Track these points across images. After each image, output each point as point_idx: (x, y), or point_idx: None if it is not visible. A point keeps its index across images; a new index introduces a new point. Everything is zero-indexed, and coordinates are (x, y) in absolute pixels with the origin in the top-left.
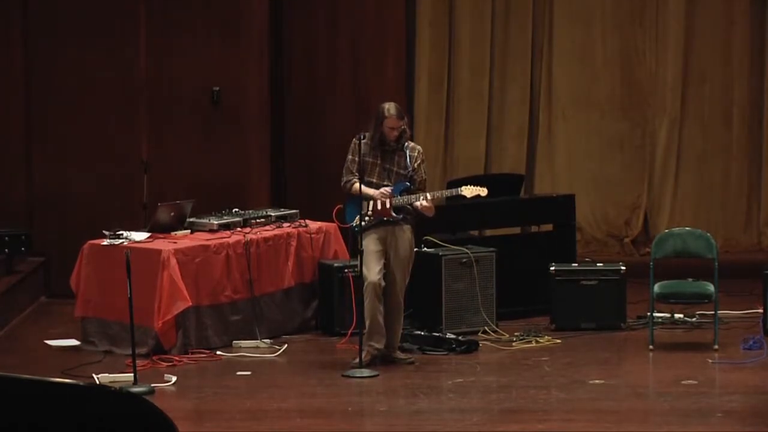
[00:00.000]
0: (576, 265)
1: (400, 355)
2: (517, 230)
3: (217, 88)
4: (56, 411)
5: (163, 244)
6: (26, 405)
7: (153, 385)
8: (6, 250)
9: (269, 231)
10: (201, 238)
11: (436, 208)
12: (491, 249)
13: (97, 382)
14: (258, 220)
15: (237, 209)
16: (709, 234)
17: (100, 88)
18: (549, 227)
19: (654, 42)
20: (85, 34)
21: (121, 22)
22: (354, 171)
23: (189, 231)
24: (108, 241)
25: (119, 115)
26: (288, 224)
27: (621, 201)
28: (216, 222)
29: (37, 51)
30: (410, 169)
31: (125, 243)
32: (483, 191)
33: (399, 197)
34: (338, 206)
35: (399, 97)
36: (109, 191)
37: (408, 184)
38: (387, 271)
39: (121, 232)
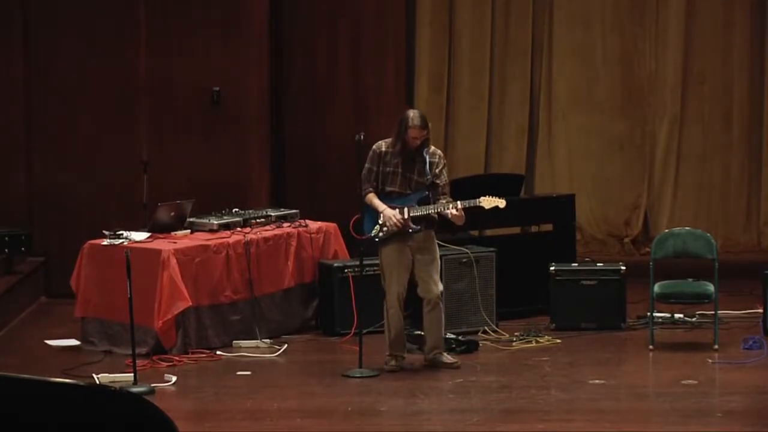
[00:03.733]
0: (576, 265)
1: (447, 358)
2: (517, 230)
3: (217, 88)
4: (56, 411)
5: (163, 244)
6: (26, 405)
7: (153, 385)
8: (6, 250)
9: (269, 231)
10: (201, 238)
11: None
12: (491, 249)
13: (97, 382)
14: (258, 220)
15: (237, 209)
16: (709, 234)
17: (100, 88)
18: (549, 227)
19: (654, 42)
20: (85, 34)
21: (121, 22)
22: (371, 180)
23: (189, 231)
24: (108, 241)
25: (119, 115)
26: (288, 224)
27: (621, 201)
28: (216, 222)
29: (37, 51)
30: (429, 176)
31: (125, 243)
32: (501, 203)
33: (417, 207)
34: (356, 217)
35: (399, 97)
36: (109, 191)
37: (426, 193)
38: (416, 277)
39: (121, 232)
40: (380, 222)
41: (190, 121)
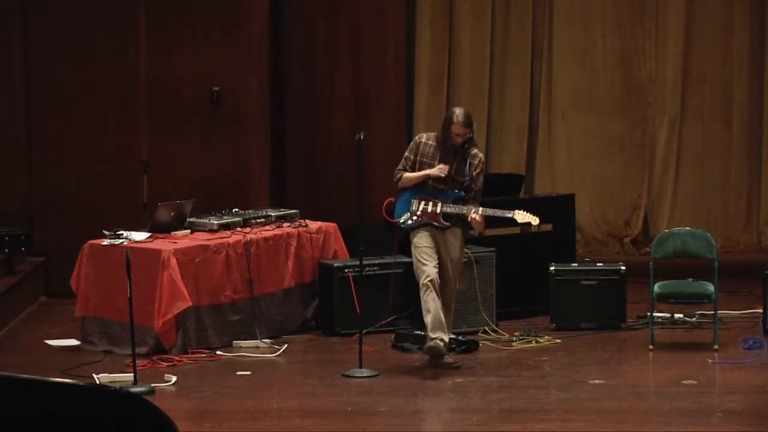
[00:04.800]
0: (576, 265)
1: (447, 359)
2: (517, 230)
3: (217, 88)
4: (56, 411)
5: (163, 244)
6: (26, 405)
7: (153, 385)
8: (6, 250)
9: (269, 231)
10: (201, 238)
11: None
12: (491, 249)
13: (97, 382)
14: (258, 220)
15: (237, 209)
16: (709, 234)
17: (100, 88)
18: (549, 227)
19: (654, 42)
20: (85, 34)
21: (121, 22)
22: (407, 167)
23: (189, 231)
24: (108, 241)
25: (119, 115)
26: (288, 224)
27: (621, 201)
28: (216, 222)
29: (37, 51)
30: (468, 177)
31: (125, 243)
32: (535, 220)
33: (451, 205)
34: (389, 200)
35: (399, 97)
36: (109, 191)
37: (462, 193)
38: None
39: (121, 232)
40: (411, 210)
41: (190, 121)
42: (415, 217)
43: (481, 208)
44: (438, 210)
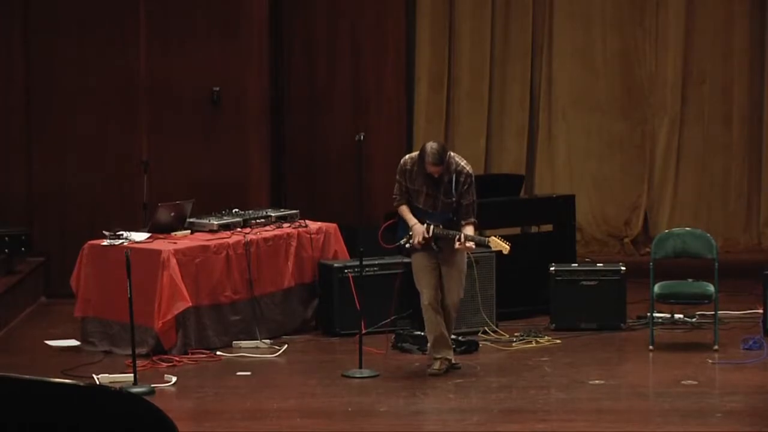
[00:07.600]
0: (576, 265)
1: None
2: (517, 230)
3: (217, 88)
4: (56, 411)
5: (163, 245)
6: (26, 405)
7: (153, 385)
8: (6, 250)
9: (269, 231)
10: (201, 239)
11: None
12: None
13: (97, 382)
14: (258, 221)
15: (237, 209)
16: (709, 234)
17: (100, 88)
18: (549, 227)
19: (654, 42)
20: (85, 35)
21: (121, 22)
22: (402, 192)
23: (189, 231)
24: (108, 241)
25: (119, 115)
26: (288, 224)
27: (621, 201)
28: (216, 222)
29: (37, 50)
30: (454, 197)
31: (125, 243)
32: (506, 249)
33: (441, 229)
34: (387, 223)
35: (399, 97)
36: (109, 191)
37: (451, 216)
38: (439, 284)
39: (121, 233)
40: (409, 233)
41: (190, 121)
42: (410, 243)
43: (464, 236)
44: (429, 234)
